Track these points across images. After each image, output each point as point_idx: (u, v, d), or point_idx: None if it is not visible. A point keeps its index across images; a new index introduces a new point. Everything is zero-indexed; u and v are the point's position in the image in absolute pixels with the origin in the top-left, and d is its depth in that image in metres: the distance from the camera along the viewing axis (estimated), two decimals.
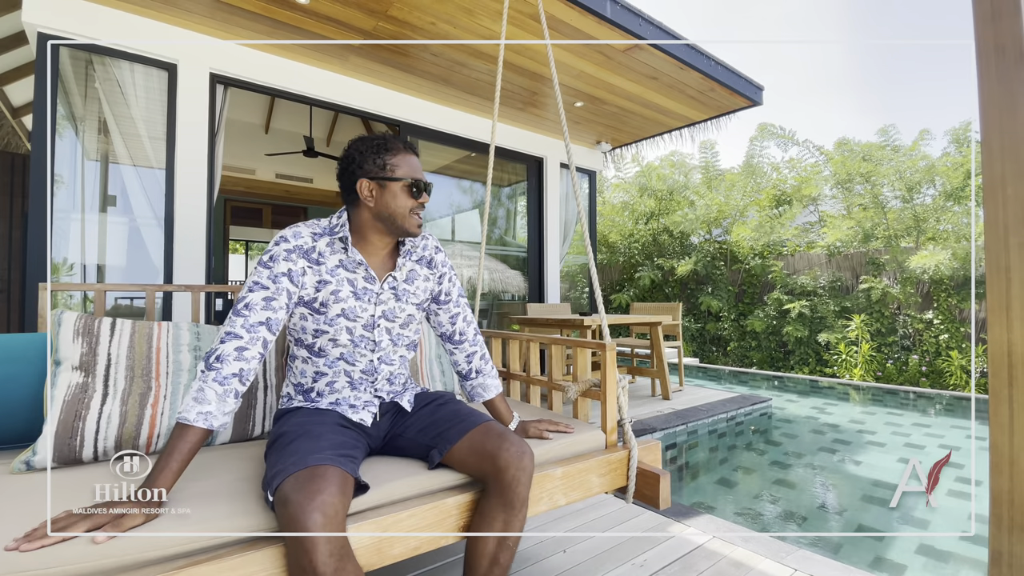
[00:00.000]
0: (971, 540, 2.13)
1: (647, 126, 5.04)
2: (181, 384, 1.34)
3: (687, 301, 8.34)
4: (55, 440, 1.14)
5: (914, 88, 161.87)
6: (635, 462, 1.42)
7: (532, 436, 1.38)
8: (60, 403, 1.18)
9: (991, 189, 0.84)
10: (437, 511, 1.06)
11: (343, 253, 1.16)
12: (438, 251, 1.33)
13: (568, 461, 1.33)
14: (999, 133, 0.85)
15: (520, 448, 1.09)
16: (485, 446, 1.09)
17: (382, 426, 1.23)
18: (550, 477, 1.26)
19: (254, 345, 1.02)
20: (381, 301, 1.20)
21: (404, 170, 1.15)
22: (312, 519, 0.80)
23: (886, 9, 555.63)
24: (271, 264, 1.08)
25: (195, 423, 0.94)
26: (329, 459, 0.92)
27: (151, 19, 2.98)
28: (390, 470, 1.13)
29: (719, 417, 3.85)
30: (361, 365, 1.19)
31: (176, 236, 3.09)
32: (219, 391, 0.97)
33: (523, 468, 1.07)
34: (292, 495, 0.83)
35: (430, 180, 1.21)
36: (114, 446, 1.21)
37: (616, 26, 3.13)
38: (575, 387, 1.58)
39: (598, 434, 1.47)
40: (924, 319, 6.09)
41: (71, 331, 1.26)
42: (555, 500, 1.26)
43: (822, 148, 7.49)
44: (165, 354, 1.35)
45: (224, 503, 0.96)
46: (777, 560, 1.64)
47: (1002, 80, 0.84)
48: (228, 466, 1.16)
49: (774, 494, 2.62)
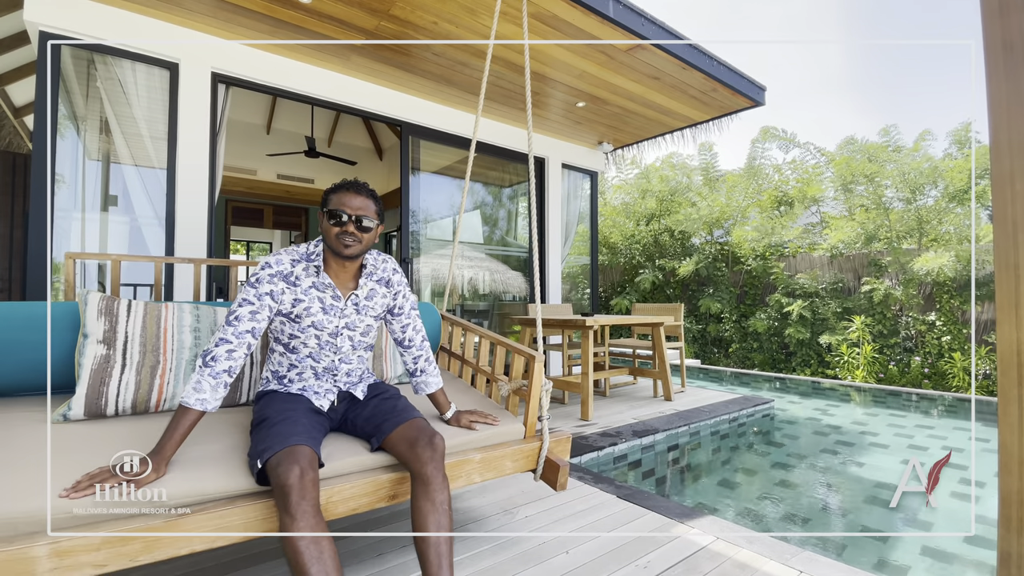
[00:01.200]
0: (973, 541, 2.12)
1: (649, 126, 5.04)
2: (183, 360, 1.64)
3: (688, 303, 8.33)
4: (85, 400, 1.45)
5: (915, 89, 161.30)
6: (545, 452, 1.71)
7: (463, 425, 1.65)
8: (88, 370, 1.49)
9: (999, 185, 0.83)
10: (374, 483, 1.37)
11: (316, 276, 1.44)
12: (395, 272, 1.61)
13: (488, 448, 1.62)
14: (1007, 129, 0.84)
15: (431, 432, 1.38)
16: (408, 435, 1.37)
17: (339, 410, 1.54)
18: (469, 461, 1.54)
19: (240, 348, 1.32)
20: (345, 315, 1.48)
21: (332, 204, 1.40)
22: (292, 476, 1.12)
23: (886, 10, 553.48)
24: (257, 285, 1.37)
25: (194, 407, 1.23)
26: (303, 440, 1.22)
27: (153, 18, 2.98)
28: (342, 449, 1.43)
29: (721, 418, 3.84)
30: (324, 363, 1.50)
31: (177, 236, 3.08)
32: (212, 383, 1.26)
33: (434, 447, 1.34)
34: (279, 466, 1.14)
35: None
36: (131, 406, 1.53)
37: (618, 26, 3.13)
38: (508, 386, 1.83)
39: (520, 427, 1.74)
40: (926, 320, 6.07)
41: (95, 310, 1.56)
42: (472, 479, 1.56)
43: (823, 150, 7.49)
44: (171, 334, 1.66)
45: (215, 468, 1.24)
46: (782, 562, 1.63)
47: (1010, 76, 0.83)
48: (219, 431, 1.44)
49: (777, 495, 2.61)
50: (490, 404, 1.91)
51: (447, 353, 2.36)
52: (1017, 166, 0.80)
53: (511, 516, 1.96)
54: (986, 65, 0.83)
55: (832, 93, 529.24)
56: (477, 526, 1.88)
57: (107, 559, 1.02)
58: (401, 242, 4.36)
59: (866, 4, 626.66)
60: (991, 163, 0.83)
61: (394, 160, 7.55)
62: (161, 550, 1.08)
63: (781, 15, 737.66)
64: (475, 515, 1.97)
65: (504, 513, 1.98)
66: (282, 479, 1.12)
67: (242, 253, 12.58)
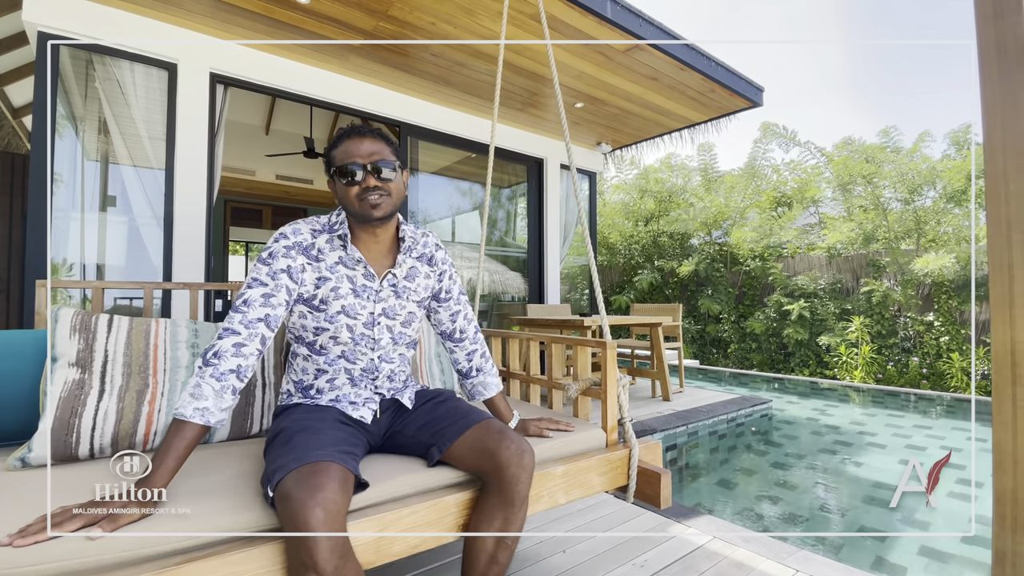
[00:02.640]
0: (972, 541, 2.12)
1: (647, 127, 5.04)
2: (179, 381, 1.33)
3: (687, 303, 8.33)
4: (51, 436, 1.13)
5: (914, 90, 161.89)
6: (636, 461, 1.41)
7: (532, 434, 1.37)
8: (56, 399, 1.17)
9: (994, 186, 0.83)
10: (436, 509, 1.05)
11: (342, 250, 1.16)
12: (438, 248, 1.33)
13: (568, 460, 1.32)
14: (1001, 131, 0.84)
15: (520, 446, 1.08)
16: (485, 444, 1.08)
17: (382, 423, 1.22)
18: (550, 475, 1.25)
19: (252, 341, 1.01)
20: (381, 299, 1.19)
21: (339, 160, 1.12)
22: (314, 515, 0.79)
23: (885, 10, 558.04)
24: (270, 261, 1.08)
25: (191, 419, 0.92)
26: (330, 455, 0.91)
27: (151, 18, 2.98)
28: (390, 467, 1.12)
29: (720, 418, 3.84)
30: (362, 363, 1.19)
31: (176, 236, 3.08)
32: (216, 387, 0.96)
33: (523, 466, 1.06)
34: (294, 491, 0.83)
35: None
36: (110, 443, 1.20)
37: (616, 26, 3.13)
38: (575, 386, 1.58)
39: (599, 433, 1.46)
40: (925, 321, 6.08)
41: (68, 327, 1.26)
42: (555, 498, 1.25)
43: (823, 150, 7.50)
44: (163, 351, 1.35)
45: (222, 500, 0.95)
46: (778, 561, 1.63)
47: (1004, 79, 0.84)
48: (226, 463, 1.15)
49: (775, 495, 2.61)
50: (554, 414, 1.63)
51: None
52: (1011, 166, 0.81)
53: None
54: (980, 67, 0.83)
55: (831, 94, 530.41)
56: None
57: None
58: None
59: (865, 4, 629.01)
60: (985, 164, 0.83)
61: None
62: None
63: (780, 15, 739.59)
64: None
65: None
66: (296, 511, 0.80)
67: (241, 254, 12.57)
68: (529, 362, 1.87)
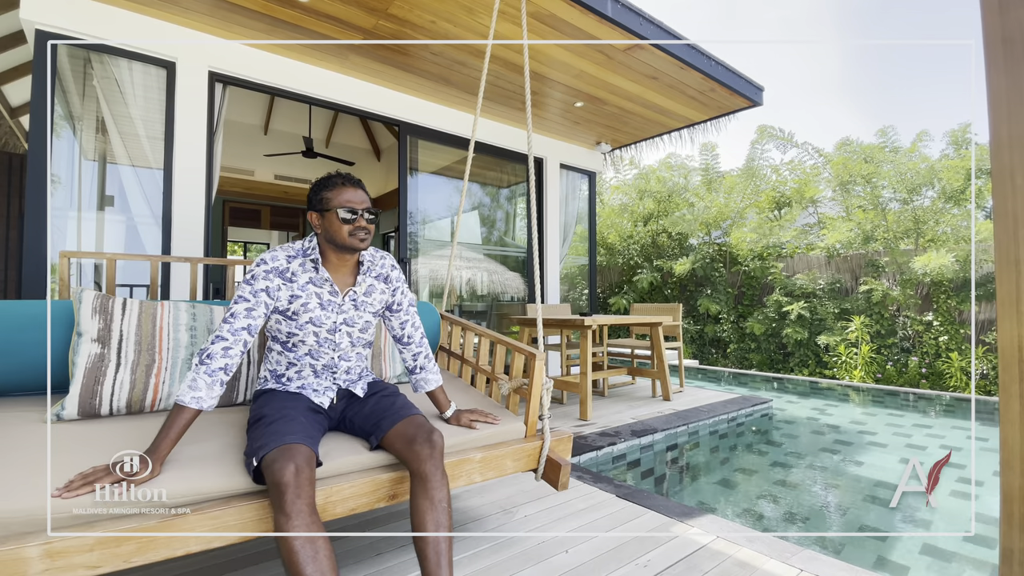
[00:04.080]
0: (973, 540, 2.11)
1: (647, 127, 5.04)
2: (179, 358, 1.62)
3: (686, 303, 8.33)
4: (79, 399, 1.44)
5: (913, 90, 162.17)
6: (546, 451, 1.70)
7: (463, 424, 1.63)
8: (82, 369, 1.47)
9: (1000, 181, 0.82)
10: (374, 483, 1.35)
11: (313, 272, 1.44)
12: (394, 268, 1.62)
13: (489, 447, 1.61)
14: (1007, 124, 0.83)
15: (429, 429, 1.36)
16: (407, 432, 1.36)
17: (338, 408, 1.53)
18: (470, 460, 1.53)
19: (236, 345, 1.31)
20: (343, 311, 1.48)
21: (340, 203, 1.40)
22: (288, 470, 1.11)
23: (881, 13, 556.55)
24: (252, 282, 1.37)
25: (189, 405, 1.21)
26: (300, 439, 1.21)
27: (150, 16, 2.97)
28: (340, 448, 1.41)
29: (720, 418, 3.83)
30: (324, 360, 1.49)
31: (174, 236, 3.07)
32: (208, 381, 1.24)
33: (433, 443, 1.33)
34: (274, 462, 1.13)
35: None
36: (125, 406, 1.51)
37: (617, 25, 3.13)
38: (508, 385, 1.81)
39: (520, 426, 1.72)
40: (924, 321, 6.09)
41: (90, 308, 1.53)
42: (472, 478, 1.55)
43: (821, 150, 7.51)
44: (167, 332, 1.64)
45: (211, 467, 1.22)
46: (782, 560, 1.62)
47: (1010, 72, 0.83)
48: (215, 431, 1.43)
49: (776, 495, 2.60)
50: (490, 403, 1.90)
51: (447, 353, 2.35)
52: (1017, 161, 0.80)
53: (510, 516, 1.95)
54: (986, 60, 0.82)
55: (830, 94, 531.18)
56: (476, 525, 1.87)
57: (101, 560, 1.01)
58: (399, 243, 4.35)
59: (861, 7, 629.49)
60: (991, 158, 0.82)
61: (392, 161, 7.54)
62: (156, 551, 1.06)
63: (778, 17, 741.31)
64: (474, 514, 1.96)
65: (503, 512, 1.98)
66: (277, 476, 1.11)
67: (239, 254, 12.54)
68: (480, 354, 2.08)
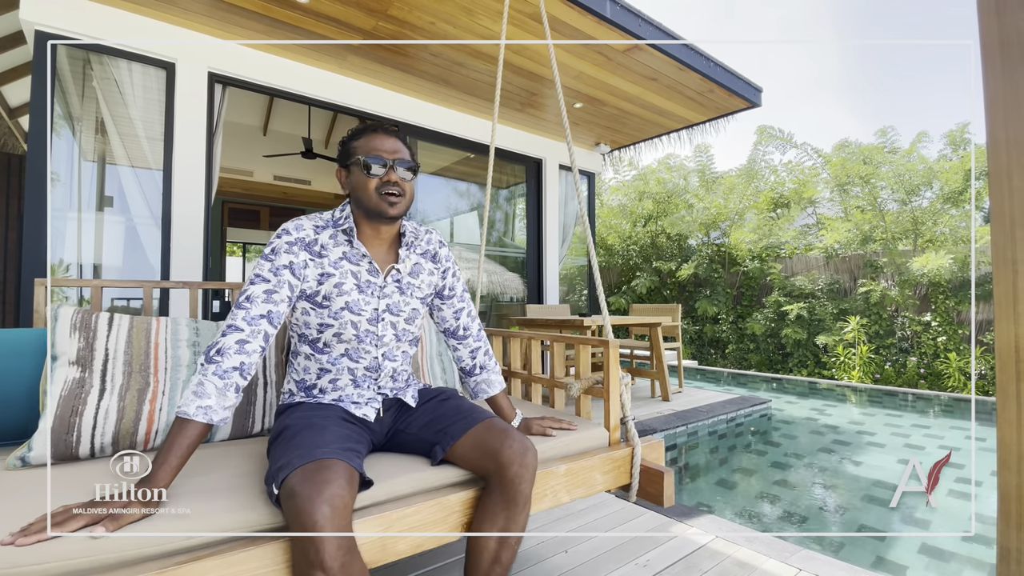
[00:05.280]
0: (972, 540, 2.12)
1: (646, 127, 5.05)
2: (180, 380, 1.33)
3: (685, 304, 8.34)
4: (52, 436, 1.12)
5: (912, 91, 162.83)
6: (639, 459, 1.41)
7: (535, 433, 1.36)
8: (56, 398, 1.16)
9: (997, 181, 0.83)
10: (440, 508, 1.04)
11: (347, 245, 1.15)
12: (442, 245, 1.33)
13: (571, 459, 1.32)
14: (1004, 126, 0.84)
15: (523, 445, 1.07)
16: (488, 442, 1.07)
17: (385, 422, 1.21)
18: (553, 474, 1.25)
19: (255, 338, 1.01)
20: (385, 295, 1.18)
21: (363, 151, 1.13)
22: (320, 511, 0.79)
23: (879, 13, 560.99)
24: (272, 257, 1.08)
25: (195, 417, 0.92)
26: (335, 452, 0.91)
27: (149, 17, 2.97)
28: (393, 466, 1.12)
29: (719, 418, 3.84)
30: (365, 362, 1.18)
31: (173, 237, 3.07)
32: (219, 385, 0.95)
33: (526, 465, 1.05)
34: (299, 488, 0.83)
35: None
36: (111, 442, 1.19)
37: (616, 26, 3.14)
38: (578, 384, 1.57)
39: (601, 431, 1.46)
40: (922, 321, 6.10)
41: (68, 325, 1.25)
42: (559, 497, 1.25)
43: (820, 151, 7.52)
44: (164, 349, 1.34)
45: (224, 499, 0.94)
46: (781, 560, 1.63)
47: (1007, 75, 0.83)
48: (228, 462, 1.14)
49: (775, 495, 2.61)
50: (556, 413, 1.63)
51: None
52: (1014, 162, 0.81)
53: None
54: (983, 63, 0.83)
55: (829, 94, 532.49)
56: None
57: None
58: None
59: (859, 7, 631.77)
60: (988, 160, 0.83)
61: None
62: None
63: (777, 17, 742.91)
64: None
65: None
66: (303, 508, 0.79)
67: (238, 255, 12.54)
68: (530, 361, 1.86)
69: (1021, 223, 0.80)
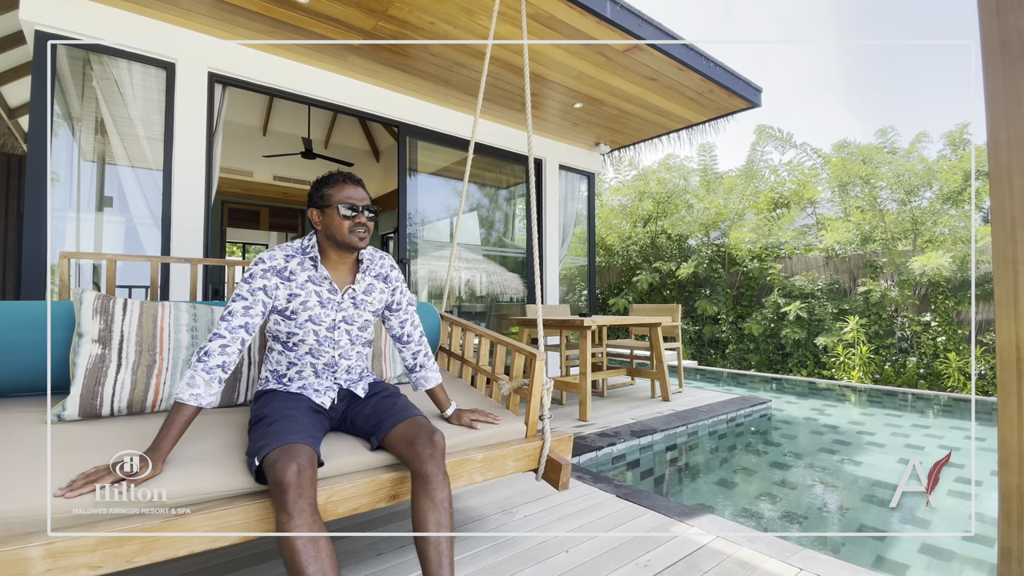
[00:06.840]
0: (972, 540, 2.12)
1: (646, 128, 5.05)
2: (180, 359, 1.62)
3: (685, 304, 8.34)
4: (80, 400, 1.44)
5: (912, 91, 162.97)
6: (547, 452, 1.70)
7: (463, 424, 1.64)
8: (83, 370, 1.47)
9: (998, 181, 0.83)
10: (375, 483, 1.36)
11: (312, 269, 1.45)
12: (393, 268, 1.63)
13: (490, 448, 1.62)
14: (1005, 126, 0.84)
15: (432, 437, 1.35)
16: (408, 435, 1.36)
17: (339, 408, 1.53)
18: (471, 460, 1.53)
19: (234, 343, 1.32)
20: (342, 308, 1.48)
21: (341, 199, 1.42)
22: (290, 472, 1.12)
23: (878, 14, 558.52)
24: (250, 280, 1.38)
25: (188, 402, 1.22)
26: (302, 438, 1.22)
27: (149, 17, 2.97)
28: (342, 447, 1.41)
29: (719, 418, 3.84)
30: (324, 359, 1.49)
31: (173, 237, 3.07)
32: (206, 378, 1.25)
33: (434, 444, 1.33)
34: (277, 459, 1.14)
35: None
36: (126, 407, 1.52)
37: (616, 26, 3.14)
38: (508, 385, 1.82)
39: (521, 426, 1.73)
40: (922, 321, 6.10)
41: (91, 309, 1.54)
42: (473, 478, 1.55)
43: (820, 151, 7.53)
44: (168, 333, 1.64)
45: (214, 466, 1.23)
46: (782, 559, 1.63)
47: (1007, 74, 0.83)
48: (217, 431, 1.43)
49: (775, 495, 2.61)
50: (491, 404, 1.91)
51: (446, 353, 2.36)
52: (1015, 162, 0.81)
53: (510, 516, 1.95)
54: (983, 63, 0.83)
55: (829, 95, 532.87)
56: (477, 525, 1.87)
57: (103, 560, 1.00)
58: (399, 243, 4.35)
59: (859, 7, 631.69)
60: (989, 160, 0.83)
61: (391, 162, 7.54)
62: (158, 551, 1.06)
63: (777, 17, 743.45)
64: (474, 514, 1.97)
65: (503, 513, 1.98)
66: (279, 476, 1.11)
67: (238, 255, 12.53)
68: (480, 353, 2.08)
69: (1022, 223, 0.80)
